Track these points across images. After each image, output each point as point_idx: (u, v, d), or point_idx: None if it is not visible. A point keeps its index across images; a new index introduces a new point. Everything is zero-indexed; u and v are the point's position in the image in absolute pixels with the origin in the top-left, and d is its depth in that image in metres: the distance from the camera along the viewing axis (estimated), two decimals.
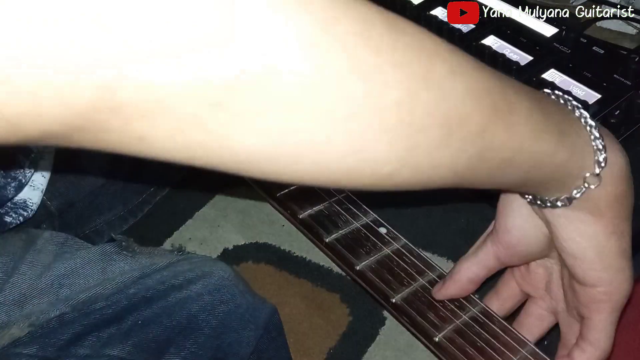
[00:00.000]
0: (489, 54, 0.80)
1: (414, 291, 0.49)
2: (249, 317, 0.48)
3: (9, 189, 0.53)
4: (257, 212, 0.74)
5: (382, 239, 0.53)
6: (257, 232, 0.72)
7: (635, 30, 0.88)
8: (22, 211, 0.55)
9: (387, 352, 0.60)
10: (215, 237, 0.72)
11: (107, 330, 0.43)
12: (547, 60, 0.79)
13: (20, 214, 0.55)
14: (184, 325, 0.45)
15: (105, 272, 0.48)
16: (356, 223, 0.55)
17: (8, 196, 0.53)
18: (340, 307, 0.64)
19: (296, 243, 0.70)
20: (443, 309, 0.47)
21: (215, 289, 0.47)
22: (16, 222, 0.55)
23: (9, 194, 0.53)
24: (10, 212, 0.54)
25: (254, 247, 0.70)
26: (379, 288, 0.49)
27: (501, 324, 0.46)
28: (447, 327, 0.46)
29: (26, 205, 0.56)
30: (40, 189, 0.57)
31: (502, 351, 0.44)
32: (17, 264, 0.47)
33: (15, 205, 0.55)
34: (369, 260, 0.51)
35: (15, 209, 0.55)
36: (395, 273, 0.50)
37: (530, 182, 0.37)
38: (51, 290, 0.46)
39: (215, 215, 0.74)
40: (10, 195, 0.53)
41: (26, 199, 0.55)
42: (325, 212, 0.56)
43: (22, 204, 0.55)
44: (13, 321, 0.43)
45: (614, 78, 0.75)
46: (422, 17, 0.87)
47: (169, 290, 0.46)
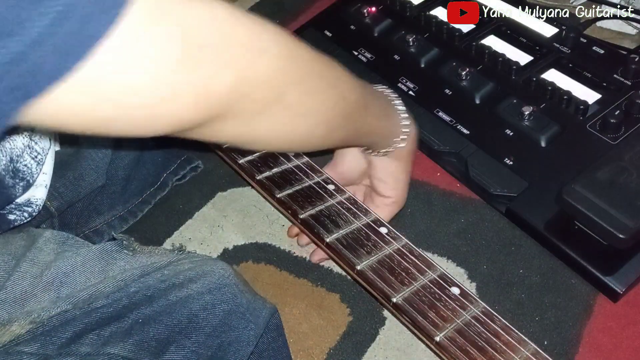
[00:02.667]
0: (489, 54, 0.80)
1: (415, 291, 0.49)
2: (250, 316, 0.48)
3: (17, 188, 0.53)
4: (257, 212, 0.74)
5: (383, 238, 0.53)
6: (257, 232, 0.72)
7: (635, 30, 0.88)
8: (26, 208, 0.55)
9: (387, 352, 0.60)
10: (215, 237, 0.72)
11: (108, 329, 0.43)
12: (547, 60, 0.79)
13: (24, 211, 0.55)
14: (184, 324, 0.45)
15: (106, 270, 0.48)
16: (357, 223, 0.55)
17: (16, 195, 0.53)
18: (340, 307, 0.64)
19: (296, 243, 0.70)
20: (444, 308, 0.47)
21: (215, 288, 0.47)
22: (21, 220, 0.55)
23: (17, 193, 0.53)
24: (15, 210, 0.54)
25: (254, 247, 0.70)
26: (379, 288, 0.49)
27: (502, 323, 0.46)
28: (448, 327, 0.46)
29: (30, 202, 0.56)
30: (43, 185, 0.57)
31: (503, 350, 0.44)
32: (18, 263, 0.47)
33: (18, 203, 0.55)
34: (369, 260, 0.51)
35: (19, 206, 0.55)
36: (396, 273, 0.50)
37: (371, 143, 0.60)
38: (52, 288, 0.46)
39: (215, 215, 0.74)
40: (18, 194, 0.53)
41: (29, 196, 0.55)
42: (326, 211, 0.56)
43: (25, 202, 0.55)
44: (14, 319, 0.43)
45: (614, 78, 0.75)
46: (422, 17, 0.88)
47: (169, 289, 0.46)
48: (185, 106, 0.34)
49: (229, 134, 0.41)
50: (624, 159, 0.62)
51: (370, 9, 0.90)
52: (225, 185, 0.77)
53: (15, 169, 0.52)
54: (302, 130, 0.46)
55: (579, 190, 0.60)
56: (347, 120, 0.50)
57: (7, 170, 0.51)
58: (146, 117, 0.34)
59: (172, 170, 0.77)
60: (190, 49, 0.33)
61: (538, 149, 0.70)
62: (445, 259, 0.66)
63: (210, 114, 0.37)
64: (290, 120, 0.44)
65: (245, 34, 0.37)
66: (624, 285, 0.60)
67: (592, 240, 0.62)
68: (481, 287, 0.64)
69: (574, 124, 0.71)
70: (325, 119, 0.47)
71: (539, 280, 0.63)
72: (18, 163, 0.52)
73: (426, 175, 0.75)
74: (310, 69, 0.44)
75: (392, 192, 0.64)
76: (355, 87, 0.51)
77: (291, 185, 0.59)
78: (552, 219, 0.65)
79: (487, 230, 0.69)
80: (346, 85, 0.49)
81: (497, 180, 0.69)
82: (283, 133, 0.45)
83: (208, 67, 0.34)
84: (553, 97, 0.74)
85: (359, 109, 0.51)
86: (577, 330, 0.59)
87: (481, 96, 0.77)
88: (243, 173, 0.62)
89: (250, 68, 0.37)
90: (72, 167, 0.64)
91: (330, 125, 0.49)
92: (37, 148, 0.55)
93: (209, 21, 0.34)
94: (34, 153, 0.54)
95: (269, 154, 0.62)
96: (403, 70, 0.82)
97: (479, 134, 0.73)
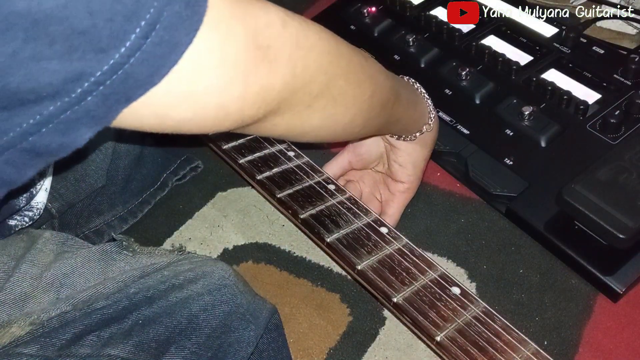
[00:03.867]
0: (489, 54, 0.80)
1: (416, 291, 0.48)
2: (250, 317, 0.48)
3: (20, 199, 0.53)
4: (257, 212, 0.74)
5: (384, 238, 0.53)
6: (257, 232, 0.72)
7: (635, 30, 0.88)
8: (27, 212, 0.55)
9: (387, 352, 0.60)
10: (215, 237, 0.71)
11: (107, 330, 0.43)
12: (547, 60, 0.79)
13: (25, 215, 0.55)
14: (184, 325, 0.45)
15: (106, 271, 0.48)
16: (358, 222, 0.55)
17: (20, 205, 0.53)
18: (340, 307, 0.64)
19: (296, 243, 0.70)
20: (445, 308, 0.47)
21: (215, 288, 0.47)
22: (22, 224, 0.55)
23: (20, 204, 0.54)
24: (15, 215, 0.54)
25: (254, 247, 0.70)
26: (380, 287, 0.49)
27: (503, 323, 0.46)
28: (448, 327, 0.46)
29: (31, 207, 0.56)
30: (44, 188, 0.57)
31: (503, 350, 0.44)
32: (18, 264, 0.46)
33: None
34: (370, 260, 0.51)
35: (20, 211, 0.55)
36: (396, 272, 0.50)
37: (402, 131, 0.63)
38: (52, 289, 0.45)
39: (215, 215, 0.74)
40: (22, 205, 0.54)
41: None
42: (326, 211, 0.56)
43: (26, 207, 0.55)
44: (14, 320, 0.43)
45: (614, 78, 0.75)
46: (422, 17, 0.88)
47: (169, 290, 0.46)
48: (251, 103, 0.37)
49: (282, 128, 0.44)
50: (624, 159, 0.62)
51: (370, 9, 0.90)
52: (225, 185, 0.77)
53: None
54: (346, 120, 0.49)
55: (579, 190, 0.60)
56: (383, 108, 0.53)
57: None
58: (218, 116, 0.36)
59: (172, 170, 0.77)
60: (258, 50, 0.36)
61: (538, 149, 0.70)
62: (445, 258, 0.66)
63: (270, 109, 0.39)
64: (336, 110, 0.47)
65: (296, 33, 0.39)
66: (624, 285, 0.60)
67: (592, 240, 0.62)
68: (481, 287, 0.64)
69: (574, 124, 0.71)
70: (365, 108, 0.50)
71: (539, 280, 0.63)
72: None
73: (426, 175, 0.75)
74: (352, 62, 0.47)
75: (408, 178, 0.67)
76: (388, 77, 0.54)
77: (291, 185, 0.59)
78: (552, 219, 0.65)
79: (487, 230, 0.69)
80: (381, 75, 0.52)
81: (497, 180, 0.69)
82: (330, 123, 0.48)
83: (271, 66, 0.37)
84: (553, 97, 0.74)
85: (392, 98, 0.54)
86: (577, 330, 0.59)
87: (481, 96, 0.77)
88: (243, 173, 0.62)
89: (302, 64, 0.40)
90: (72, 168, 0.64)
91: (369, 114, 0.51)
92: None
93: (270, 23, 0.37)
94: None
95: (270, 154, 0.62)
96: (403, 70, 0.81)
97: (479, 134, 0.73)
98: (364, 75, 0.49)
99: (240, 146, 0.63)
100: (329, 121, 0.47)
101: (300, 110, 0.43)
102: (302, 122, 0.45)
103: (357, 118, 0.50)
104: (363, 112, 0.50)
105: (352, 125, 0.50)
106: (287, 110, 0.41)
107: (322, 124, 0.47)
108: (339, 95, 0.46)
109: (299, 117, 0.43)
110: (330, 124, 0.48)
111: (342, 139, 0.61)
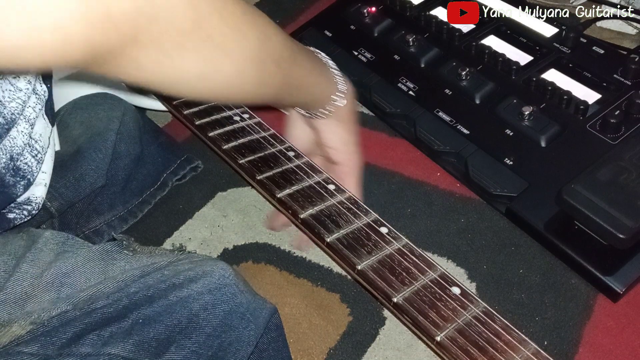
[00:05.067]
0: (489, 54, 0.80)
1: (416, 290, 0.48)
2: (250, 316, 0.48)
3: (18, 187, 0.53)
4: (257, 212, 0.74)
5: (383, 238, 0.53)
6: (257, 232, 0.72)
7: (635, 30, 0.88)
8: (26, 206, 0.55)
9: (387, 352, 0.60)
10: (215, 237, 0.71)
11: (108, 329, 0.43)
12: (547, 60, 0.79)
13: (24, 209, 0.55)
14: (184, 324, 0.45)
15: (106, 270, 0.48)
16: (358, 222, 0.54)
17: (17, 194, 0.53)
18: (340, 307, 0.64)
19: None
20: (445, 308, 0.47)
21: (215, 288, 0.47)
22: (21, 218, 0.55)
23: (18, 192, 0.53)
24: (14, 208, 0.54)
25: (254, 247, 0.70)
26: (380, 287, 0.49)
27: (503, 323, 0.46)
28: (449, 327, 0.46)
29: (30, 201, 0.56)
30: (43, 183, 0.57)
31: (504, 350, 0.44)
32: (18, 263, 0.46)
33: (18, 201, 0.54)
34: (370, 260, 0.51)
35: (19, 205, 0.55)
36: (396, 272, 0.50)
37: (307, 102, 0.60)
38: (52, 288, 0.46)
39: (215, 215, 0.74)
40: (19, 193, 0.53)
41: (29, 195, 0.55)
42: (326, 211, 0.56)
43: (25, 200, 0.55)
44: (14, 319, 0.43)
45: (614, 78, 0.75)
46: (422, 17, 0.88)
47: (169, 289, 0.46)
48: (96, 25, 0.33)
49: (150, 69, 0.40)
50: (624, 159, 0.62)
51: (370, 9, 0.90)
52: (225, 185, 0.77)
53: (16, 167, 0.52)
54: (232, 69, 0.45)
55: (579, 191, 0.60)
56: (278, 66, 0.50)
57: (8, 168, 0.51)
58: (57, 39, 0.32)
59: (172, 170, 0.77)
60: None
61: (538, 149, 0.70)
62: (446, 258, 0.66)
63: (124, 37, 0.36)
64: (214, 55, 0.43)
65: None
66: (624, 285, 0.60)
67: (592, 240, 0.62)
68: (481, 287, 0.64)
69: (574, 124, 0.71)
70: (255, 60, 0.47)
71: (539, 280, 0.63)
72: (18, 161, 0.52)
73: (426, 175, 0.75)
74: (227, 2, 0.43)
75: (343, 156, 0.65)
76: (281, 33, 0.51)
77: (291, 185, 0.58)
78: (552, 219, 0.65)
79: (487, 230, 0.69)
80: (270, 27, 0.49)
81: (497, 180, 0.69)
82: (210, 71, 0.44)
83: None
84: (553, 97, 0.74)
85: (287, 57, 0.52)
86: (577, 330, 0.59)
87: (481, 96, 0.77)
88: (243, 173, 0.62)
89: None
90: (72, 167, 0.64)
91: (262, 71, 0.48)
92: (37, 146, 0.55)
93: None
94: (34, 151, 0.54)
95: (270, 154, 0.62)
96: (403, 70, 0.82)
97: (479, 134, 0.74)
98: (245, 19, 0.45)
99: (241, 146, 0.63)
100: (208, 68, 0.43)
101: (169, 49, 0.39)
102: (174, 64, 0.40)
103: (246, 71, 0.46)
104: (253, 64, 0.47)
105: (241, 79, 0.47)
106: (149, 43, 0.37)
107: (200, 70, 0.43)
108: (216, 36, 0.42)
109: (169, 57, 0.39)
110: (211, 73, 0.44)
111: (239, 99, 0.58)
